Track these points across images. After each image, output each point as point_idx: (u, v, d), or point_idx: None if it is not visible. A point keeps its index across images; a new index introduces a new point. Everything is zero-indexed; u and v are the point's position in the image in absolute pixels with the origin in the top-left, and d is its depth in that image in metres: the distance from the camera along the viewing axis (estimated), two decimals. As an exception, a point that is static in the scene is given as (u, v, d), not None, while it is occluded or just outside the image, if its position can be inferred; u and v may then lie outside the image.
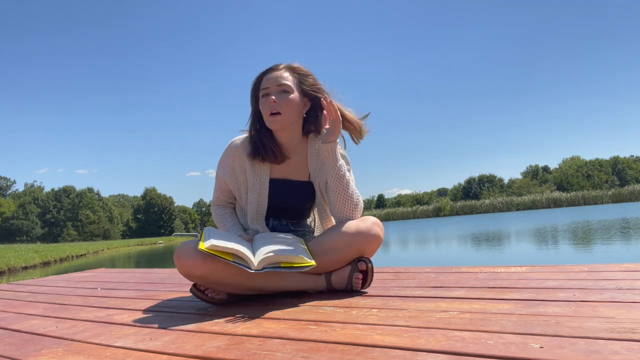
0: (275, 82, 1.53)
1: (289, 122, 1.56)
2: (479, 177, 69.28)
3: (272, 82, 1.54)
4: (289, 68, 1.57)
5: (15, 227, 50.61)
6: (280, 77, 1.54)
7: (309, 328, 1.11)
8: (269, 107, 1.52)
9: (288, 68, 1.57)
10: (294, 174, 1.66)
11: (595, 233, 11.03)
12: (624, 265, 1.71)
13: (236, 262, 1.33)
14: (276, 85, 1.53)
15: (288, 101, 1.53)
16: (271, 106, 1.52)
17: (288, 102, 1.53)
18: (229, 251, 1.33)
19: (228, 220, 1.69)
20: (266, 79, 1.55)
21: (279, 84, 1.53)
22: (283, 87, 1.53)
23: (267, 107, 1.53)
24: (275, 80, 1.54)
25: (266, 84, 1.54)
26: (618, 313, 1.02)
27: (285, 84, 1.53)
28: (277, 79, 1.54)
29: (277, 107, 1.52)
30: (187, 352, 0.99)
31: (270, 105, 1.52)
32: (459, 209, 54.17)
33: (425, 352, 0.86)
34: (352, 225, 1.51)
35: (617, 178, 67.16)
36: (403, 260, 8.38)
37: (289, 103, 1.53)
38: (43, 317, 1.60)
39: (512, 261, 6.61)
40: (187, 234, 55.28)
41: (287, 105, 1.52)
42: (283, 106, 1.52)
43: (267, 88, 1.54)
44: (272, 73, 1.56)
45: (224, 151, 1.67)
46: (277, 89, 1.53)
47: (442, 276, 1.78)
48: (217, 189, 1.74)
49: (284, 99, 1.52)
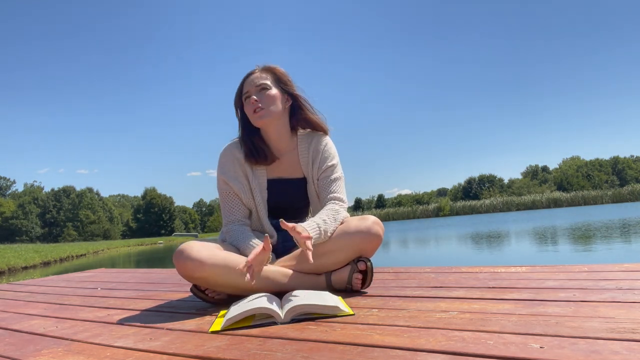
0: (254, 84, 1.59)
1: (274, 115, 1.60)
2: (479, 177, 69.30)
3: (250, 85, 1.60)
4: (264, 69, 1.64)
5: (15, 227, 50.60)
6: (258, 78, 1.60)
7: (309, 328, 1.10)
8: (252, 106, 1.58)
9: (264, 69, 1.64)
10: (288, 172, 1.69)
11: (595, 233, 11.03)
12: (624, 265, 1.71)
13: (257, 323, 1.18)
14: (255, 86, 1.59)
15: (268, 96, 1.58)
16: (254, 105, 1.57)
17: (268, 96, 1.58)
18: (248, 314, 1.19)
19: (245, 232, 1.58)
20: (245, 84, 1.62)
21: (257, 84, 1.59)
22: (261, 85, 1.59)
23: (250, 107, 1.59)
24: (253, 82, 1.60)
25: (246, 88, 1.61)
26: (618, 313, 1.02)
27: (262, 83, 1.59)
28: (254, 81, 1.60)
29: (259, 103, 1.57)
30: (187, 352, 0.99)
31: (252, 104, 1.57)
32: (459, 209, 54.13)
33: (425, 352, 0.86)
34: (353, 225, 1.52)
35: (617, 178, 67.16)
36: (403, 260, 8.37)
37: (269, 97, 1.59)
38: (43, 317, 1.60)
39: (512, 261, 6.61)
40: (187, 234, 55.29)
41: (268, 99, 1.58)
42: (265, 102, 1.58)
43: (247, 92, 1.60)
44: (250, 77, 1.62)
45: (221, 158, 1.67)
46: (256, 89, 1.59)
47: (442, 276, 1.78)
48: (225, 205, 1.64)
49: (264, 95, 1.58)
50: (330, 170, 1.66)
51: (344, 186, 1.68)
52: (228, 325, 1.17)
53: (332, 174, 1.66)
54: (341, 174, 1.69)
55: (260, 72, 1.62)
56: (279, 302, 1.30)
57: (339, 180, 1.66)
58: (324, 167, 1.66)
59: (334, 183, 1.65)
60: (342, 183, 1.68)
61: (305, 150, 1.68)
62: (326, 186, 1.64)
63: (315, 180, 1.67)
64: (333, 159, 1.68)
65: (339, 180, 1.66)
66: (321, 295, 1.31)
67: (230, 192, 1.64)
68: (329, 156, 1.67)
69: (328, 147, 1.69)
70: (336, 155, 1.71)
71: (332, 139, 1.73)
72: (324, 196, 1.63)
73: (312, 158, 1.67)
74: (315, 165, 1.67)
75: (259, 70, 1.63)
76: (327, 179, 1.65)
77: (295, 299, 1.25)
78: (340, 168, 1.70)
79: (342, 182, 1.68)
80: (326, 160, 1.67)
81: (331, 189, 1.63)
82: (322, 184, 1.65)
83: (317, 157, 1.67)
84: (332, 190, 1.63)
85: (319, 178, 1.66)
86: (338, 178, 1.66)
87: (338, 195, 1.63)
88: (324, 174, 1.66)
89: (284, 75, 1.64)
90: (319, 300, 1.23)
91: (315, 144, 1.68)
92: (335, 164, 1.68)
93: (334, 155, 1.69)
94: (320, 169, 1.66)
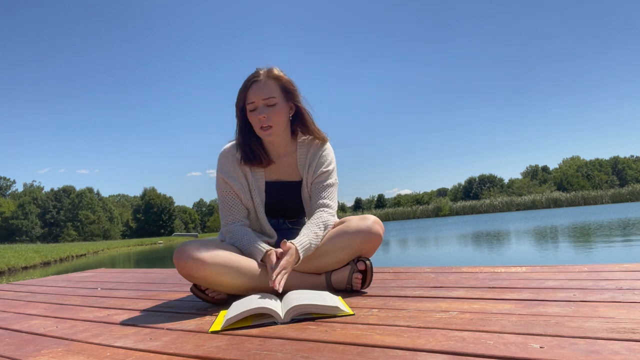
0: (261, 96, 1.55)
1: (280, 131, 1.60)
2: (480, 177, 69.35)
3: (257, 96, 1.55)
4: (270, 76, 1.57)
5: (15, 227, 50.59)
6: (265, 90, 1.55)
7: (309, 328, 1.10)
8: (259, 122, 1.56)
9: (269, 76, 1.57)
10: (286, 175, 1.69)
11: (595, 233, 11.02)
12: (624, 265, 1.71)
13: (257, 323, 1.19)
14: (262, 100, 1.55)
15: (276, 113, 1.56)
16: (261, 121, 1.55)
17: (276, 114, 1.56)
18: (248, 314, 1.20)
19: (248, 233, 1.58)
20: (251, 93, 1.56)
21: (264, 97, 1.55)
22: (268, 101, 1.55)
23: (257, 122, 1.56)
24: (260, 94, 1.55)
25: (251, 98, 1.56)
26: (618, 313, 1.02)
27: (270, 98, 1.55)
28: (261, 92, 1.55)
29: (267, 121, 1.55)
30: (187, 352, 0.99)
31: (260, 120, 1.55)
32: (459, 209, 54.16)
33: (425, 352, 0.86)
34: (353, 225, 1.52)
35: (617, 178, 67.18)
36: (403, 260, 8.37)
37: (277, 114, 1.56)
38: (43, 317, 1.60)
39: (512, 261, 6.62)
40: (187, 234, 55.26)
41: (275, 116, 1.56)
42: (272, 119, 1.55)
43: (253, 102, 1.56)
44: (255, 86, 1.56)
45: (221, 158, 1.67)
46: (263, 103, 1.55)
47: (442, 276, 1.78)
48: (224, 205, 1.65)
49: (272, 112, 1.55)
50: (325, 176, 1.66)
51: (336, 193, 1.68)
52: (228, 325, 1.17)
53: (326, 180, 1.66)
54: (335, 180, 1.69)
55: (266, 79, 1.56)
56: (279, 302, 1.30)
57: (332, 187, 1.66)
58: (319, 172, 1.66)
59: (327, 189, 1.65)
60: (335, 190, 1.68)
61: (304, 154, 1.69)
62: (319, 191, 1.64)
63: (309, 183, 1.67)
64: (330, 164, 1.68)
65: (332, 187, 1.66)
66: (321, 295, 1.31)
67: (230, 192, 1.64)
68: (325, 161, 1.67)
69: (326, 153, 1.69)
70: (333, 161, 1.70)
71: (332, 142, 1.74)
72: (315, 200, 1.63)
73: (309, 161, 1.67)
74: (311, 168, 1.67)
75: (264, 76, 1.56)
76: (321, 184, 1.65)
77: (295, 299, 1.25)
78: (336, 174, 1.70)
79: (335, 189, 1.68)
80: (322, 165, 1.66)
81: (323, 194, 1.63)
82: (315, 188, 1.65)
83: (314, 160, 1.67)
84: (324, 196, 1.63)
85: (312, 182, 1.67)
86: (332, 184, 1.66)
87: (328, 202, 1.63)
88: (318, 179, 1.66)
89: (289, 84, 1.60)
90: (319, 300, 1.23)
91: (314, 149, 1.69)
92: (331, 170, 1.67)
93: (331, 161, 1.69)
94: (315, 173, 1.66)
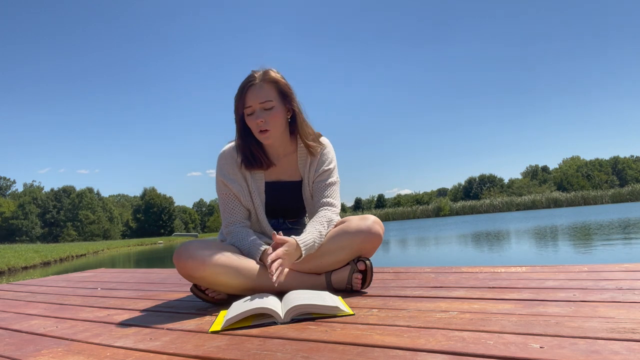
0: (258, 100, 1.54)
1: (279, 133, 1.60)
2: (480, 177, 69.36)
3: (254, 100, 1.54)
4: (266, 79, 1.56)
5: (15, 227, 50.59)
6: (262, 94, 1.54)
7: (309, 328, 1.11)
8: (257, 126, 1.55)
9: (266, 79, 1.56)
10: (287, 175, 1.69)
11: (595, 233, 11.02)
12: (624, 265, 1.71)
13: (257, 323, 1.19)
14: (259, 104, 1.54)
15: (273, 116, 1.55)
16: (259, 126, 1.55)
17: (273, 117, 1.55)
18: (248, 314, 1.20)
19: (249, 233, 1.58)
20: (248, 97, 1.55)
21: (261, 101, 1.54)
22: (265, 104, 1.54)
23: (255, 126, 1.56)
24: (257, 97, 1.54)
25: (249, 102, 1.55)
26: (618, 313, 1.02)
27: (267, 102, 1.54)
28: (258, 96, 1.54)
29: (265, 125, 1.54)
30: (187, 352, 0.99)
31: (258, 124, 1.55)
32: (459, 209, 54.15)
33: (425, 352, 0.86)
34: (353, 225, 1.52)
35: (617, 178, 67.18)
36: (403, 260, 8.37)
37: (274, 118, 1.55)
38: (43, 317, 1.61)
39: (512, 261, 6.62)
40: (187, 234, 55.27)
41: (273, 120, 1.55)
42: (270, 123, 1.55)
43: (250, 107, 1.55)
44: (252, 89, 1.55)
45: (220, 160, 1.67)
46: (260, 107, 1.54)
47: (442, 276, 1.78)
48: (224, 207, 1.65)
49: (269, 115, 1.55)
50: (326, 174, 1.66)
51: (338, 191, 1.68)
52: (228, 325, 1.17)
53: (328, 178, 1.66)
54: (337, 178, 1.69)
55: (262, 83, 1.55)
56: (279, 302, 1.30)
57: (334, 185, 1.67)
58: (321, 170, 1.66)
59: (329, 187, 1.65)
60: (337, 188, 1.68)
61: (305, 153, 1.68)
62: (321, 190, 1.65)
63: (310, 182, 1.68)
64: (330, 163, 1.68)
65: (334, 185, 1.67)
66: (321, 295, 1.31)
67: (229, 194, 1.65)
68: (326, 160, 1.67)
69: (327, 151, 1.69)
70: (334, 159, 1.71)
71: (332, 142, 1.74)
72: (318, 199, 1.64)
73: (310, 160, 1.67)
74: (312, 167, 1.67)
75: (260, 79, 1.55)
76: (323, 183, 1.65)
77: (295, 299, 1.25)
78: (337, 173, 1.70)
79: (337, 187, 1.68)
80: (323, 163, 1.67)
81: (326, 193, 1.64)
82: (317, 187, 1.66)
83: (315, 159, 1.67)
84: (327, 195, 1.63)
85: (314, 181, 1.67)
86: (333, 183, 1.67)
87: (331, 200, 1.63)
88: (320, 177, 1.66)
89: (286, 87, 1.59)
90: (319, 300, 1.23)
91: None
92: (332, 168, 1.68)
93: (332, 160, 1.69)
94: (317, 172, 1.66)
